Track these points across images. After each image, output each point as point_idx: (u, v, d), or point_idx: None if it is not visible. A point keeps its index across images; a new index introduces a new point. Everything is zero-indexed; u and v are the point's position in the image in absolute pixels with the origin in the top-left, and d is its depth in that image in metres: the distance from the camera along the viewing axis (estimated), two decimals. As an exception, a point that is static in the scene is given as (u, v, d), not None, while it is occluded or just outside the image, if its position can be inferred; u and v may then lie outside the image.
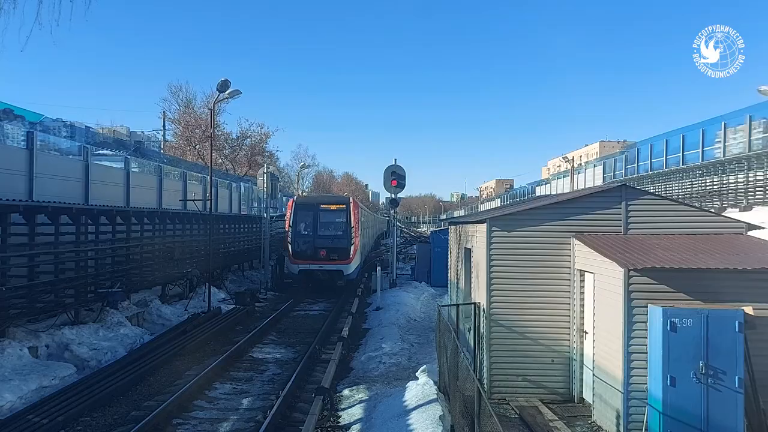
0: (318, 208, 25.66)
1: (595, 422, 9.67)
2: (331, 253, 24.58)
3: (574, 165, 45.17)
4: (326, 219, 25.47)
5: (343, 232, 25.00)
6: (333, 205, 26.04)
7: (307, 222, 25.28)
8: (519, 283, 10.85)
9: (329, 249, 24.61)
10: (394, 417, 9.50)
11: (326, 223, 25.36)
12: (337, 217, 25.42)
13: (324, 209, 25.65)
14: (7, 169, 15.76)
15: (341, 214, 25.35)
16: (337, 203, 26.31)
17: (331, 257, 24.53)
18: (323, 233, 25.08)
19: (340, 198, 29.73)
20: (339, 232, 25.03)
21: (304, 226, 25.23)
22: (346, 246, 24.78)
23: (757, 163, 22.37)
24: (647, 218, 10.64)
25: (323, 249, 24.59)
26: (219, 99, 22.98)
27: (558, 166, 75.88)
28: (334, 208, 25.65)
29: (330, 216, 25.53)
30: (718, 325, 8.25)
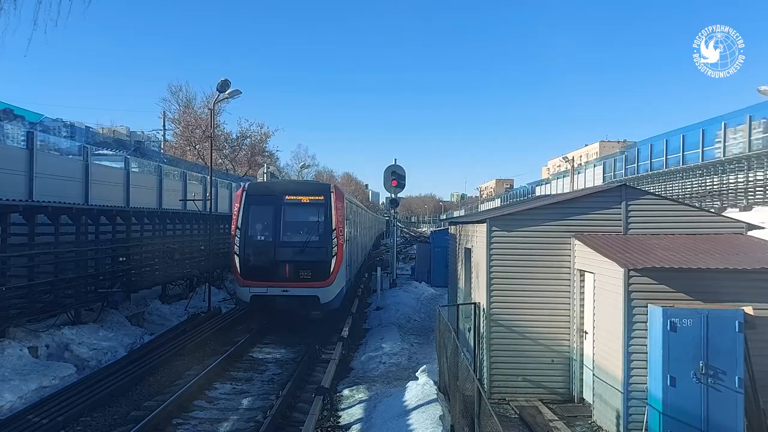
0: (282, 200, 16.53)
1: (595, 422, 9.67)
2: (300, 269, 15.93)
3: (574, 165, 45.18)
4: (294, 217, 16.78)
5: (320, 237, 16.24)
6: (305, 196, 16.81)
7: (265, 222, 16.51)
8: (519, 283, 10.85)
9: (298, 264, 15.94)
10: (394, 417, 9.50)
11: (294, 224, 16.69)
12: (311, 214, 16.70)
13: (291, 202, 16.63)
14: (7, 169, 15.75)
15: (318, 210, 16.53)
16: (312, 193, 16.93)
17: (300, 276, 15.90)
18: (289, 239, 16.36)
19: (315, 186, 19.31)
20: (314, 236, 16.24)
21: (259, 229, 16.58)
22: (325, 258, 15.99)
23: (757, 163, 22.37)
24: (647, 218, 10.64)
25: (289, 263, 15.94)
26: (219, 99, 22.98)
27: (558, 166, 75.89)
28: (307, 201, 16.70)
29: (300, 212, 16.87)
30: (718, 325, 8.25)
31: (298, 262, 15.98)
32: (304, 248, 16.06)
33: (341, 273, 16.61)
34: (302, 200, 16.75)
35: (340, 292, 16.81)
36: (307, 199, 16.73)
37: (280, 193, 16.69)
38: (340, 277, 16.57)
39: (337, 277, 16.30)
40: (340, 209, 16.57)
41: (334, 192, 16.76)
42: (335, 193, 16.72)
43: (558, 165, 76.82)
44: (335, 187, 17.27)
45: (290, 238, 16.40)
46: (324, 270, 16.04)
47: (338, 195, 16.81)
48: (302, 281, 15.88)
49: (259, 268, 16.02)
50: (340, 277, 16.52)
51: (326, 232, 16.27)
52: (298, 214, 16.84)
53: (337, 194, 16.78)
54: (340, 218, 16.46)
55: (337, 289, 16.50)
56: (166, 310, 19.26)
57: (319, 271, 16.00)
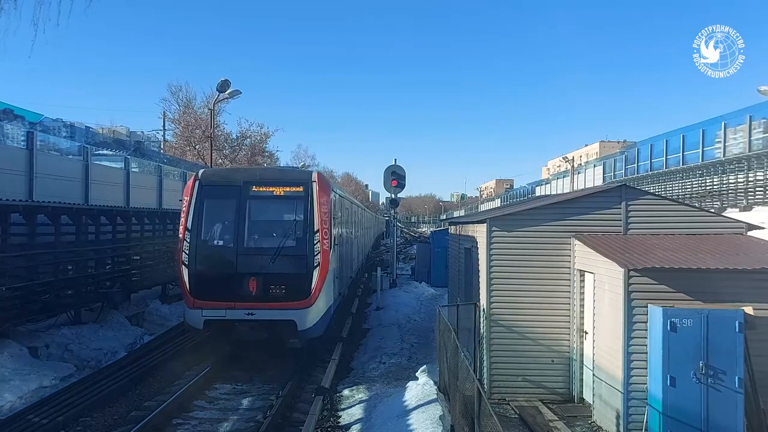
0: (247, 193, 12.49)
1: (595, 422, 9.67)
2: (271, 285, 11.94)
3: (574, 165, 45.20)
4: (264, 215, 12.90)
5: (297, 242, 12.29)
6: (279, 187, 12.70)
7: (224, 221, 12.51)
8: (519, 283, 10.85)
9: (268, 277, 11.94)
10: (394, 417, 9.50)
11: (263, 224, 12.80)
12: (286, 212, 12.80)
13: (260, 195, 12.64)
14: (7, 169, 15.77)
15: (295, 206, 12.54)
16: (288, 183, 12.79)
17: (271, 294, 11.92)
18: (256, 244, 12.40)
19: (293, 174, 14.47)
20: (290, 241, 12.30)
21: (216, 231, 12.47)
22: (303, 270, 12.03)
23: (757, 163, 22.37)
24: (647, 218, 10.64)
25: (255, 277, 11.91)
26: (219, 99, 23.04)
27: (558, 166, 75.89)
28: (281, 193, 12.66)
29: (272, 209, 13.02)
30: (718, 325, 8.25)
31: (268, 275, 11.81)
32: (276, 257, 11.86)
33: (327, 288, 12.45)
34: (275, 193, 12.50)
35: (325, 314, 12.50)
36: (282, 191, 12.53)
37: (245, 184, 12.43)
38: (326, 293, 12.40)
39: (322, 295, 12.05)
40: (326, 205, 12.48)
41: (318, 182, 12.42)
42: (319, 183, 12.44)
43: (558, 165, 76.83)
44: (319, 176, 12.73)
45: (258, 243, 12.26)
46: (303, 285, 11.80)
47: (323, 186, 12.62)
48: (273, 301, 11.72)
49: (216, 283, 11.82)
50: (325, 294, 12.30)
51: (307, 235, 12.08)
52: (269, 210, 12.83)
53: (322, 185, 12.55)
54: (326, 216, 12.33)
55: (321, 311, 12.22)
56: (166, 310, 19.25)
57: (297, 288, 11.79)
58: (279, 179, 12.92)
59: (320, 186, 12.53)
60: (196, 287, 11.93)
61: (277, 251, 11.97)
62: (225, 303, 11.80)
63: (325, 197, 12.58)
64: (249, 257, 12.06)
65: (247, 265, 11.98)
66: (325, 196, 12.65)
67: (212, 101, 25.25)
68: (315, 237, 12.07)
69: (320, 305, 12.22)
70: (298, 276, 11.95)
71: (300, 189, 12.46)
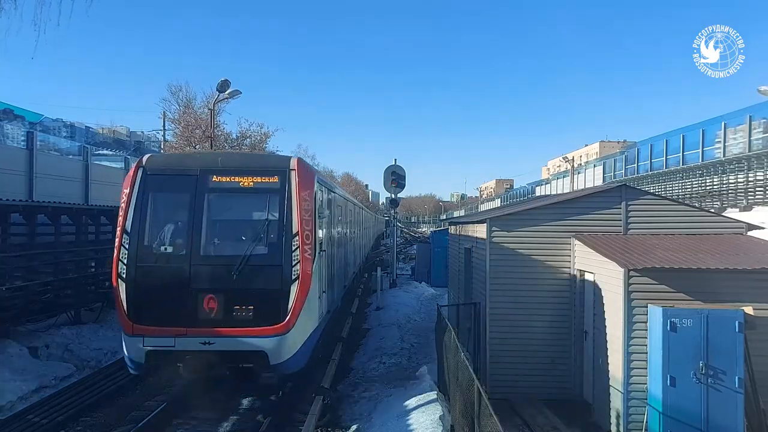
0: (205, 184, 9.79)
1: (595, 422, 9.67)
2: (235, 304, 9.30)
3: (574, 165, 45.19)
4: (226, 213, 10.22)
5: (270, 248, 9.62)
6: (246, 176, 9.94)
7: (176, 221, 9.86)
8: (519, 283, 10.84)
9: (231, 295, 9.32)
10: (394, 417, 9.50)
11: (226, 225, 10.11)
12: (255, 209, 10.21)
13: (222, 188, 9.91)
14: (7, 169, 15.77)
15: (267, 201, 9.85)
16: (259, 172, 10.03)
17: (235, 316, 9.27)
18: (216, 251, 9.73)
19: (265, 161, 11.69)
20: (260, 247, 9.64)
21: (164, 234, 9.72)
22: (277, 285, 9.40)
23: (757, 163, 22.38)
24: (647, 218, 10.64)
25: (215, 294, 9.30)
26: (219, 99, 23.00)
27: (558, 166, 75.90)
28: (249, 185, 9.93)
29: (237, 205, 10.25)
30: (718, 325, 8.25)
31: (231, 292, 9.11)
32: (242, 268, 9.10)
33: (310, 307, 9.62)
34: (241, 184, 9.67)
35: (308, 341, 9.73)
36: (251, 183, 9.71)
37: (203, 173, 9.64)
38: (308, 313, 9.56)
39: (303, 316, 9.30)
40: (308, 200, 9.66)
41: (298, 171, 9.69)
42: (299, 172, 9.70)
43: (558, 165, 76.83)
44: (300, 164, 9.96)
45: (218, 250, 9.50)
46: (277, 305, 9.10)
47: (305, 176, 9.81)
48: (238, 326, 9.03)
49: (162, 302, 9.08)
50: (307, 315, 9.50)
51: (282, 240, 9.33)
52: (234, 207, 10.01)
53: (303, 175, 9.78)
54: (308, 215, 9.57)
55: (302, 337, 9.46)
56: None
57: (269, 308, 9.10)
58: (247, 167, 9.97)
59: (301, 176, 9.68)
60: (135, 308, 9.04)
61: (243, 261, 9.08)
62: (174, 329, 8.95)
63: (307, 190, 9.71)
64: (206, 268, 9.25)
65: (204, 278, 9.17)
66: (308, 188, 9.77)
67: (212, 101, 25.22)
68: (293, 242, 9.27)
69: (300, 330, 9.33)
70: (271, 292, 9.16)
71: (274, 179, 9.65)
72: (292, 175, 9.67)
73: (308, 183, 9.93)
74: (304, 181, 9.75)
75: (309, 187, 9.87)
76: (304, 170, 9.99)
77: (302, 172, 9.83)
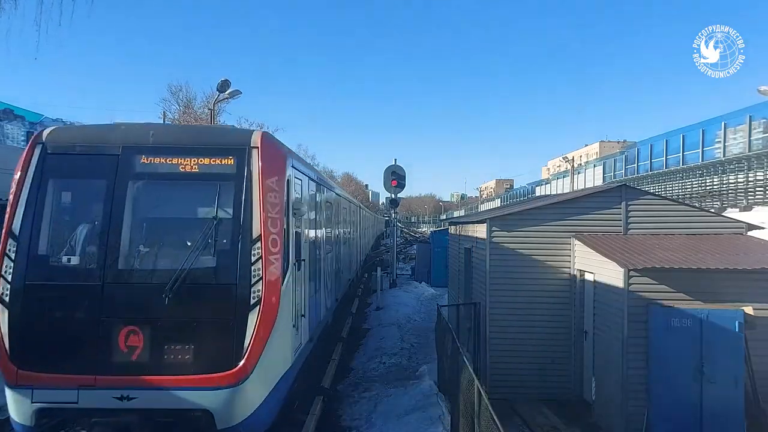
0: (129, 167, 6.65)
1: (595, 422, 9.67)
2: (165, 343, 6.14)
3: (574, 165, 45.19)
4: (156, 210, 6.93)
5: (218, 261, 6.44)
6: (189, 158, 6.67)
7: (85, 221, 6.60)
8: (519, 283, 10.85)
9: (159, 329, 6.18)
10: (394, 417, 9.50)
11: (154, 227, 6.73)
12: (200, 203, 6.79)
13: (152, 172, 6.72)
14: (7, 170, 15.75)
15: (218, 192, 6.56)
16: (208, 152, 6.73)
17: (166, 360, 6.10)
18: (139, 265, 6.46)
19: (217, 135, 7.62)
20: (204, 258, 6.39)
21: (70, 240, 6.51)
22: (229, 314, 6.26)
23: (757, 163, 22.39)
24: (647, 218, 10.64)
25: (136, 328, 6.13)
26: (219, 99, 23.01)
27: (558, 167, 75.91)
28: (192, 169, 6.67)
29: (173, 199, 7.01)
30: (718, 325, 8.26)
31: (161, 323, 6.32)
32: (178, 288, 6.30)
33: (278, 343, 6.76)
34: (181, 168, 6.77)
35: (274, 393, 6.82)
36: (195, 166, 6.78)
37: (127, 152, 6.80)
38: (275, 353, 6.68)
39: (266, 357, 6.45)
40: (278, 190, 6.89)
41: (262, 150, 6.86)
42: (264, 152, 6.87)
43: (558, 165, 76.83)
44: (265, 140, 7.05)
45: (144, 264, 6.59)
46: (227, 342, 6.32)
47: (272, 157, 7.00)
48: (171, 373, 6.21)
49: (60, 338, 6.31)
50: (273, 355, 6.65)
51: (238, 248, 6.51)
52: (169, 201, 7.09)
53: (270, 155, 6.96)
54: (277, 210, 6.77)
55: (264, 387, 6.61)
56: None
57: (216, 347, 6.32)
58: (191, 144, 6.86)
59: (267, 157, 6.76)
60: (20, 346, 6.20)
61: (179, 278, 6.19)
62: (77, 377, 6.09)
63: (274, 176, 6.80)
64: (126, 289, 6.36)
65: (123, 303, 6.30)
66: (276, 174, 6.85)
67: (212, 101, 25.24)
68: (254, 250, 6.40)
69: (262, 377, 6.44)
70: (220, 324, 6.27)
71: (228, 162, 6.71)
72: (253, 155, 6.67)
73: (277, 167, 6.92)
74: (270, 163, 6.77)
75: (278, 172, 6.88)
76: (272, 149, 7.01)
77: (269, 151, 6.84)
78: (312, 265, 9.14)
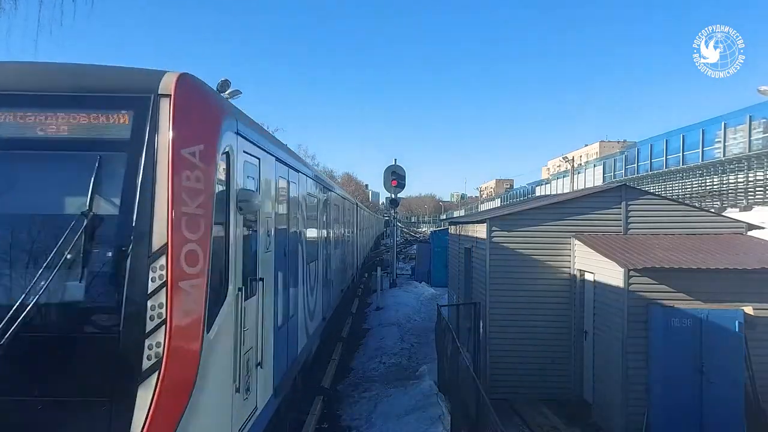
0: None
1: (594, 422, 9.67)
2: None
3: (574, 165, 45.17)
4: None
5: (90, 292, 3.74)
6: (52, 115, 3.94)
7: None
8: (519, 283, 10.85)
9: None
10: (394, 417, 9.50)
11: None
12: (68, 189, 3.97)
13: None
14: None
15: (97, 170, 3.82)
16: (85, 104, 3.94)
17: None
18: None
19: (100, 80, 4.16)
20: (69, 284, 3.69)
21: None
22: (105, 385, 3.54)
23: (757, 163, 22.38)
24: (647, 218, 10.64)
25: None
26: (219, 99, 22.89)
27: (558, 166, 75.89)
28: (59, 130, 3.92)
29: (25, 180, 3.98)
30: (718, 325, 8.25)
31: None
32: (10, 342, 3.50)
33: (202, 427, 3.96)
34: (38, 129, 3.98)
35: None
36: (62, 126, 3.98)
37: None
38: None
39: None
40: (206, 169, 4.11)
41: (176, 100, 4.06)
42: (180, 101, 4.10)
43: (558, 165, 76.81)
44: (183, 84, 4.18)
45: None
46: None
47: (196, 114, 4.27)
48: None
49: None
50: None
51: (125, 266, 3.74)
52: (14, 186, 4.02)
53: (191, 109, 4.22)
54: (206, 203, 4.05)
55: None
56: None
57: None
58: (56, 89, 4.17)
59: (185, 111, 4.18)
60: None
61: (10, 325, 3.56)
62: None
63: (199, 144, 4.19)
64: None
65: None
66: (202, 140, 4.24)
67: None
68: (153, 271, 3.77)
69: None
70: (83, 411, 3.62)
71: (119, 120, 4.09)
72: (161, 109, 4.08)
73: (203, 130, 4.32)
74: (191, 123, 4.21)
75: (204, 137, 4.26)
76: (196, 100, 4.42)
77: (189, 103, 4.27)
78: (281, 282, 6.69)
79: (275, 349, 6.25)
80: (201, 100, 4.48)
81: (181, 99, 4.09)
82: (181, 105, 4.08)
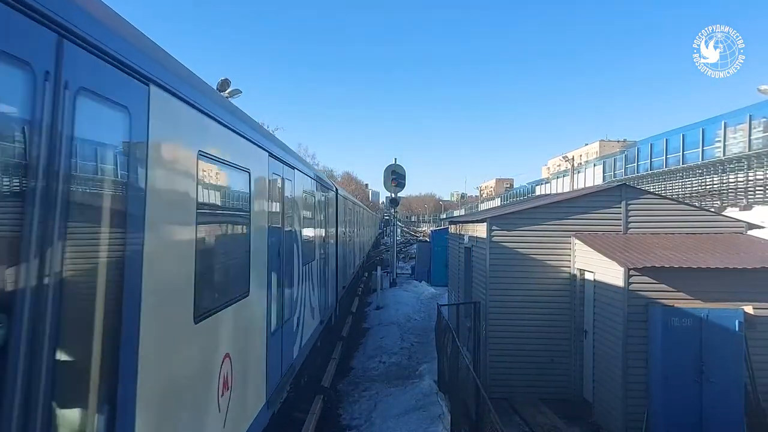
0: None
1: (594, 421, 9.67)
2: None
3: (574, 164, 45.14)
4: None
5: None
6: None
7: None
8: (519, 282, 10.85)
9: None
10: (394, 416, 9.50)
11: None
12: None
13: None
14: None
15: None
16: None
17: None
18: None
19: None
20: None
21: None
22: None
23: (757, 163, 22.38)
24: (647, 218, 10.64)
25: None
26: (219, 98, 22.88)
27: (558, 166, 75.85)
28: None
29: None
30: (717, 324, 8.25)
31: None
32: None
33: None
34: None
35: None
36: None
37: None
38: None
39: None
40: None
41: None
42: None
43: (558, 164, 76.77)
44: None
45: None
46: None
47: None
48: None
49: None
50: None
51: None
52: None
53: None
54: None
55: None
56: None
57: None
58: None
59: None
60: None
61: None
62: None
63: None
64: None
65: None
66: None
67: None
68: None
69: None
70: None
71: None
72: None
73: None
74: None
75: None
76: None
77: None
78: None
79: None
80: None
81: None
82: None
